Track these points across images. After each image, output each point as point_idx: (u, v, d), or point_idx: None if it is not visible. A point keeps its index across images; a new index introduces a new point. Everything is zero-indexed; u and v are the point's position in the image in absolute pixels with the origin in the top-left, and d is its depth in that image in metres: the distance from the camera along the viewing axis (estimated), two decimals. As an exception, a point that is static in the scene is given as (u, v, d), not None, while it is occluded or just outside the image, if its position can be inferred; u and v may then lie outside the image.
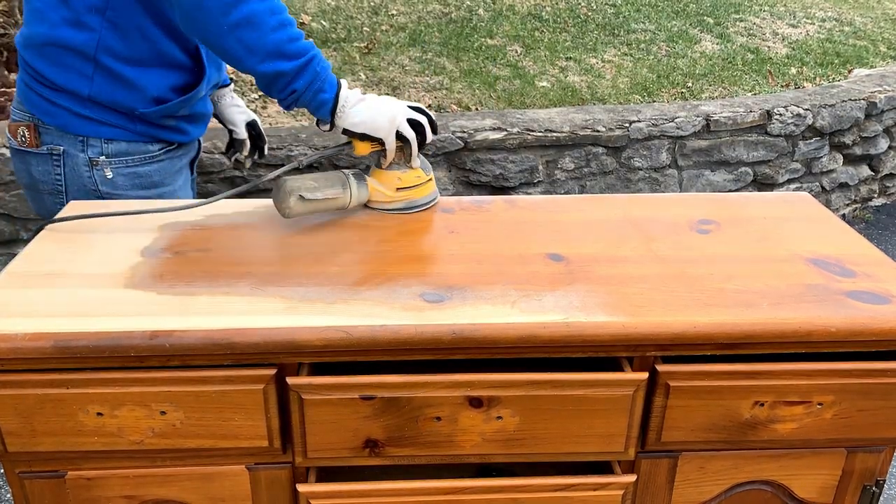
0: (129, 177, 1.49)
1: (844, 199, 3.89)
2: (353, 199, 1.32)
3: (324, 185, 1.29)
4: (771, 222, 1.36)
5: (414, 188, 1.37)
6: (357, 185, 1.33)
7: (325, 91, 1.30)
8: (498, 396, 1.04)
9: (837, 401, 1.11)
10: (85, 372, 1.01)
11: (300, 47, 1.28)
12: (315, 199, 1.27)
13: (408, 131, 1.33)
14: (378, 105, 1.33)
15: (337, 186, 1.30)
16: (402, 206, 1.36)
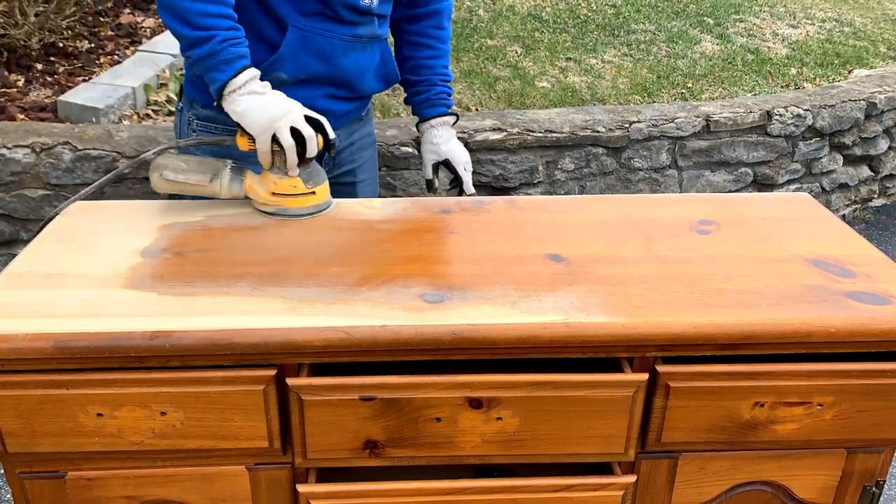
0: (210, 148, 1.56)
1: (844, 200, 3.89)
2: (222, 191, 1.35)
3: (193, 169, 1.34)
4: (771, 223, 1.36)
5: (288, 197, 1.34)
6: (229, 179, 1.35)
7: (219, 70, 1.34)
8: (498, 397, 1.04)
9: (837, 401, 1.11)
10: (85, 372, 1.01)
11: (206, 22, 1.33)
12: (175, 181, 1.34)
13: (285, 139, 1.31)
14: (267, 103, 1.34)
15: (206, 174, 1.34)
16: (273, 210, 1.34)
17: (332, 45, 1.53)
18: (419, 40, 1.72)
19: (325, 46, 1.52)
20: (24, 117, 3.00)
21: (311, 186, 1.35)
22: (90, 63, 3.57)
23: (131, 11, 4.22)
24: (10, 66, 3.40)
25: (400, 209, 1.38)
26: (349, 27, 1.53)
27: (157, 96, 3.32)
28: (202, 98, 1.57)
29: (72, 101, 3.07)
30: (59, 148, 2.60)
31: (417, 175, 2.86)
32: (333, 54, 1.54)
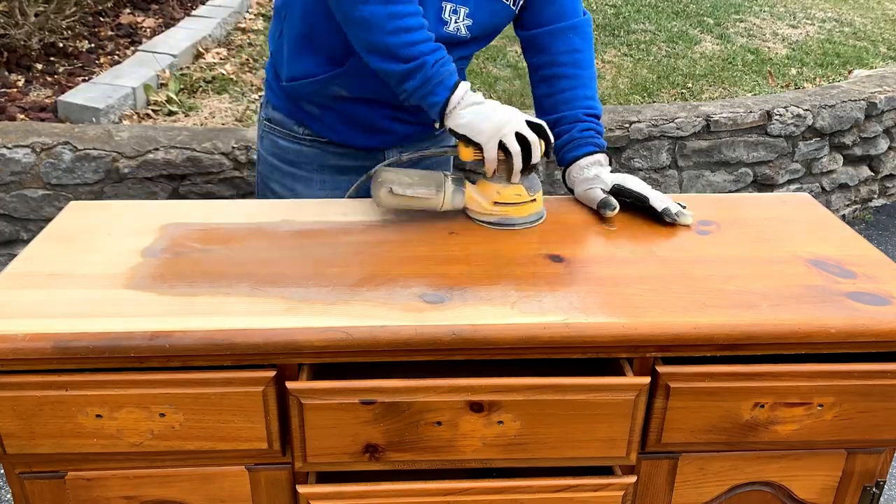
0: (275, 144, 1.58)
1: (844, 200, 3.89)
2: (445, 203, 1.32)
3: (418, 182, 1.30)
4: (771, 223, 1.36)
5: (512, 206, 1.31)
6: (452, 190, 1.32)
7: (435, 94, 1.30)
8: (499, 401, 1.04)
9: (838, 402, 1.11)
10: (84, 373, 1.01)
11: (413, 52, 1.29)
12: (403, 195, 1.29)
13: (512, 144, 1.27)
14: (490, 111, 1.29)
15: (431, 187, 1.31)
16: (496, 220, 1.32)
17: None
18: (549, 72, 1.49)
19: None
20: (24, 117, 3.00)
21: (533, 194, 1.33)
22: (90, 63, 3.57)
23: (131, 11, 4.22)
24: (10, 66, 3.40)
25: (400, 209, 1.38)
26: None
27: (157, 96, 3.32)
28: (274, 99, 1.56)
29: (72, 101, 3.07)
30: (59, 148, 2.60)
31: (417, 175, 2.86)
32: None
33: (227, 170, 2.71)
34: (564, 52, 1.47)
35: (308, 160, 1.56)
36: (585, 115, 1.46)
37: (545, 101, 1.51)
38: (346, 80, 1.45)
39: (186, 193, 2.72)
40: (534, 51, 1.51)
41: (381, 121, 1.52)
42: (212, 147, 2.68)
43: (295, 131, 1.55)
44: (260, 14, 4.53)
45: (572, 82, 1.47)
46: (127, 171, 2.65)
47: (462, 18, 1.40)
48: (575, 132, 1.45)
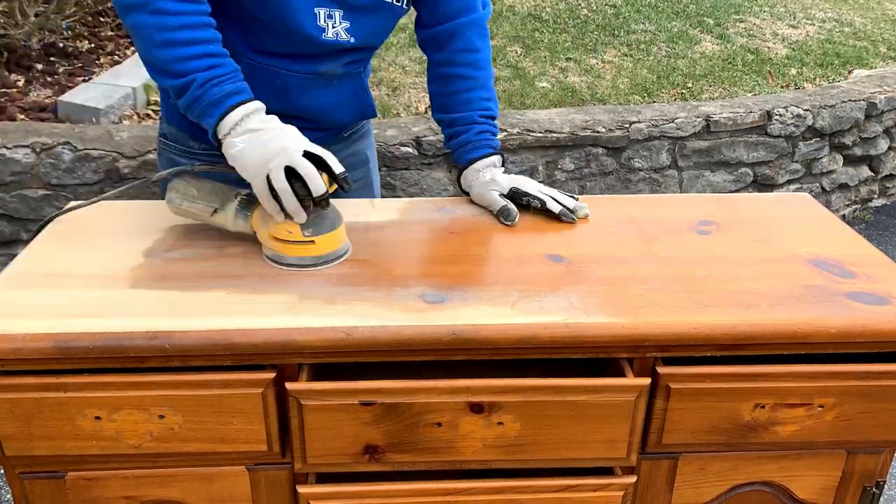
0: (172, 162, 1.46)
1: (844, 200, 3.89)
2: (227, 223, 1.23)
3: (202, 198, 1.23)
4: (771, 223, 1.36)
5: (283, 243, 1.17)
6: (234, 213, 1.22)
7: (208, 115, 1.19)
8: (499, 402, 1.04)
9: (838, 403, 1.10)
10: (83, 375, 1.00)
11: (181, 68, 1.17)
12: (180, 207, 1.24)
13: (277, 181, 1.13)
14: (263, 140, 1.16)
15: (212, 204, 1.23)
16: (270, 255, 1.19)
17: (287, 83, 1.36)
18: (447, 71, 1.45)
19: (277, 84, 1.36)
20: (24, 117, 3.01)
21: (311, 235, 1.17)
22: (90, 63, 3.58)
23: (131, 11, 4.21)
24: (10, 65, 3.40)
25: (399, 209, 1.38)
26: (309, 63, 1.36)
27: (156, 96, 3.32)
28: (166, 112, 1.46)
29: (72, 101, 3.07)
30: (59, 148, 2.60)
31: (417, 175, 2.86)
32: (289, 92, 1.37)
33: (227, 170, 2.71)
34: (462, 50, 1.44)
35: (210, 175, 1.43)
36: (481, 117, 1.44)
37: (441, 98, 1.48)
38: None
39: (186, 193, 2.71)
40: (432, 47, 1.47)
41: None
42: (212, 147, 2.68)
43: (190, 146, 1.45)
44: (260, 14, 4.52)
45: (469, 83, 1.45)
46: (127, 171, 2.65)
47: (338, 22, 1.33)
48: (471, 134, 1.43)
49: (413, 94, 3.66)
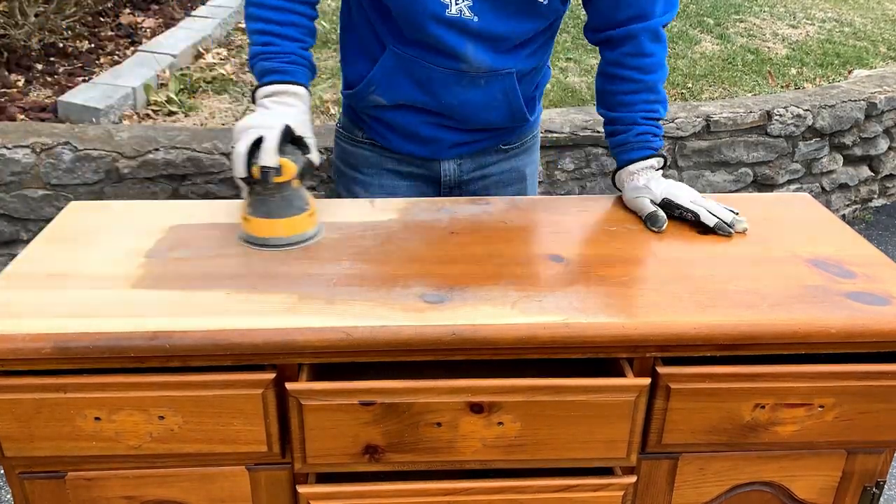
0: (341, 149, 1.60)
1: (844, 200, 3.89)
2: None
3: None
4: (771, 223, 1.36)
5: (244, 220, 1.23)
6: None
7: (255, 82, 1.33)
8: (499, 402, 1.04)
9: (838, 403, 1.10)
10: (83, 376, 1.00)
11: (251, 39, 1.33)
12: None
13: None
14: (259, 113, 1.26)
15: None
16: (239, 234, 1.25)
17: (430, 76, 1.39)
18: (615, 72, 1.41)
19: (422, 76, 1.39)
20: (24, 117, 3.01)
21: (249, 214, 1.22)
22: (90, 63, 3.58)
23: (131, 11, 4.22)
24: (10, 66, 3.40)
25: (399, 209, 1.38)
26: (452, 59, 1.37)
27: (157, 96, 3.32)
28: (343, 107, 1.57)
29: (72, 101, 3.07)
30: (59, 148, 2.60)
31: (417, 175, 2.86)
32: (433, 86, 1.40)
33: (227, 170, 2.71)
34: (632, 55, 1.39)
35: (368, 164, 1.56)
36: (644, 119, 1.40)
37: (605, 95, 1.45)
38: (379, 86, 1.43)
39: (186, 193, 2.72)
40: (604, 45, 1.43)
41: (422, 128, 1.48)
42: (212, 147, 2.68)
43: (356, 136, 1.56)
44: (260, 14, 4.52)
45: (635, 86, 1.40)
46: (127, 172, 2.65)
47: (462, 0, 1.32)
48: (630, 136, 1.40)
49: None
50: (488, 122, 1.48)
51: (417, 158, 1.54)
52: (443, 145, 1.51)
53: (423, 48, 1.36)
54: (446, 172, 1.55)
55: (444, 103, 1.43)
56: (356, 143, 1.57)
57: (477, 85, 1.41)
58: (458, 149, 1.53)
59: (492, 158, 1.57)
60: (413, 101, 1.44)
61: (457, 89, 1.41)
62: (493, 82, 1.41)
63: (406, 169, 1.55)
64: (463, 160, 1.55)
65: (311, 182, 2.73)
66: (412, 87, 1.40)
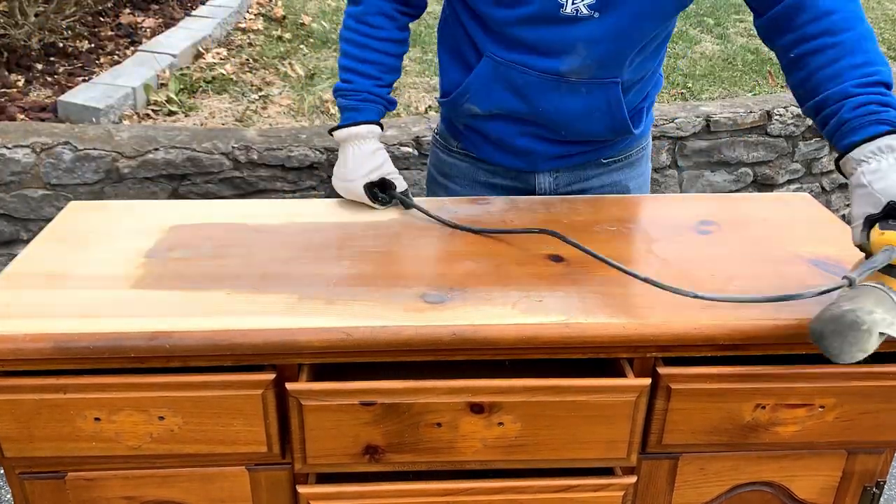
0: (436, 156, 1.59)
1: (844, 200, 3.88)
2: None
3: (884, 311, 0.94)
4: (771, 223, 1.36)
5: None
6: None
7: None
8: (499, 402, 1.04)
9: (839, 403, 1.10)
10: (83, 376, 1.00)
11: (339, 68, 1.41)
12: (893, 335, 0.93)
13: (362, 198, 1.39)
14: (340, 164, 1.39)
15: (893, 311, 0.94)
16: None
17: (528, 82, 1.34)
18: (799, 52, 1.14)
19: (518, 82, 1.34)
20: (24, 117, 3.00)
21: None
22: (90, 63, 3.58)
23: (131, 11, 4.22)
24: (10, 66, 3.40)
25: (399, 209, 1.38)
26: (550, 60, 1.30)
27: (157, 96, 3.32)
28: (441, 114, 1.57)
29: (72, 101, 3.07)
30: (59, 148, 2.60)
31: (417, 175, 2.86)
32: (528, 93, 1.35)
33: (227, 170, 2.71)
34: (809, 21, 1.12)
35: (461, 174, 1.55)
36: (857, 86, 1.07)
37: (802, 88, 1.17)
38: (474, 95, 1.40)
39: (186, 193, 2.72)
40: (776, 35, 1.19)
41: (517, 139, 1.44)
42: (212, 147, 2.68)
43: (451, 145, 1.55)
44: (260, 14, 4.53)
45: (831, 53, 1.10)
46: (127, 171, 2.65)
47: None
48: (844, 113, 1.07)
49: (413, 94, 3.66)
50: (587, 133, 1.42)
51: (512, 170, 1.50)
52: (538, 157, 1.46)
53: (524, 52, 1.32)
54: (541, 185, 1.50)
55: (539, 111, 1.37)
56: (451, 152, 1.55)
57: (577, 93, 1.34)
58: (555, 162, 1.47)
59: (591, 172, 1.50)
60: (508, 110, 1.39)
61: (554, 96, 1.34)
62: (595, 91, 1.34)
63: (500, 181, 1.52)
64: (560, 173, 1.49)
65: (312, 182, 2.73)
66: (508, 94, 1.36)
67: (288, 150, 2.71)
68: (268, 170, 2.70)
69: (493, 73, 1.35)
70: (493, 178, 1.53)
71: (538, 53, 1.31)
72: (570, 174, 1.50)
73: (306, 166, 2.71)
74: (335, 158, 1.48)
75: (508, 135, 1.44)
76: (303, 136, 2.79)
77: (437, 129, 1.60)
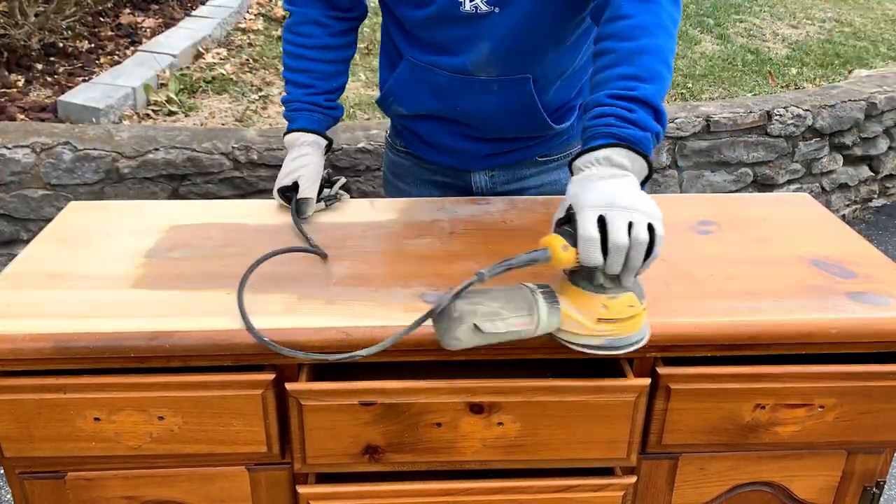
0: (387, 156, 1.62)
1: (844, 200, 3.89)
2: (539, 329, 0.96)
3: (506, 309, 0.95)
4: (771, 223, 1.36)
5: (619, 322, 0.96)
6: (547, 311, 0.95)
7: None
8: (499, 402, 1.04)
9: (839, 403, 1.10)
10: (83, 376, 1.00)
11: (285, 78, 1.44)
12: (495, 332, 0.94)
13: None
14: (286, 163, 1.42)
15: (523, 312, 0.95)
16: (599, 343, 0.97)
17: (442, 83, 1.34)
18: (595, 48, 1.11)
19: (434, 82, 1.35)
20: (24, 117, 3.01)
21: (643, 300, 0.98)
22: (90, 63, 3.58)
23: (131, 11, 4.22)
24: (10, 66, 3.40)
25: (399, 209, 1.38)
26: (458, 59, 1.31)
27: (157, 96, 3.32)
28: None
29: (72, 101, 3.08)
30: (59, 148, 2.60)
31: (417, 175, 2.86)
32: (446, 94, 1.36)
33: (227, 170, 2.71)
34: (608, 20, 1.10)
35: (407, 173, 1.56)
36: (610, 97, 1.03)
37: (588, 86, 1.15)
38: (397, 96, 1.42)
39: (186, 193, 2.72)
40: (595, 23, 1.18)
41: (442, 137, 1.45)
42: (212, 147, 2.68)
43: (396, 144, 1.57)
44: (260, 14, 4.53)
45: (608, 58, 1.07)
46: (127, 171, 2.65)
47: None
48: (588, 120, 1.05)
49: (413, 94, 3.65)
50: (507, 130, 1.42)
51: (448, 169, 1.51)
52: (470, 156, 1.47)
53: (436, 53, 1.33)
54: (477, 184, 1.51)
55: (457, 110, 1.38)
56: (397, 152, 1.57)
57: (489, 91, 1.34)
58: (488, 160, 1.48)
59: (528, 171, 1.50)
60: (429, 110, 1.41)
61: (469, 95, 1.35)
62: (506, 88, 1.33)
63: (440, 179, 1.53)
64: (495, 171, 1.50)
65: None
66: (427, 95, 1.38)
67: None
68: (268, 170, 2.70)
69: (411, 76, 1.38)
70: (434, 176, 1.54)
71: (448, 53, 1.32)
72: (506, 173, 1.50)
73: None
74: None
75: (434, 134, 1.46)
76: (303, 136, 2.78)
77: (388, 131, 1.61)
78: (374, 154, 2.82)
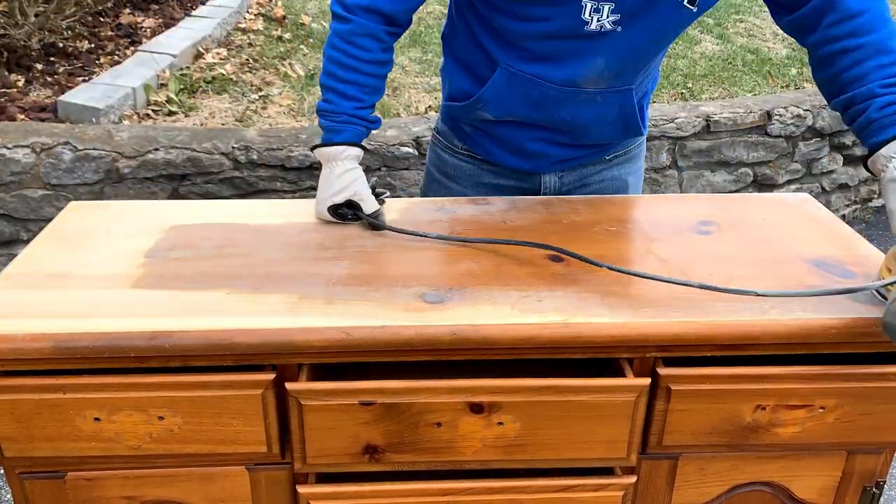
0: (437, 155, 1.58)
1: (844, 200, 3.89)
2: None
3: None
4: (771, 223, 1.36)
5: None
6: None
7: None
8: (499, 402, 1.04)
9: (839, 404, 1.10)
10: (83, 376, 1.00)
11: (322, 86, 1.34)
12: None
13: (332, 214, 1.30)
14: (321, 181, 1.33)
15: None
16: None
17: (544, 93, 1.35)
18: (826, 51, 1.19)
19: (535, 92, 1.35)
20: (24, 117, 3.00)
21: None
22: (90, 63, 3.58)
23: (131, 11, 4.22)
24: (10, 66, 3.40)
25: (399, 209, 1.38)
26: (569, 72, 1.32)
27: (157, 96, 3.32)
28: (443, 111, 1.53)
29: (72, 101, 3.07)
30: (59, 148, 2.60)
31: (417, 175, 2.86)
32: (545, 103, 1.37)
33: (227, 170, 2.71)
34: (835, 23, 1.17)
35: (464, 175, 1.55)
36: (883, 87, 1.13)
37: (829, 85, 1.22)
38: (488, 103, 1.41)
39: (186, 193, 2.72)
40: (802, 32, 1.24)
41: (530, 143, 1.46)
42: (212, 147, 2.68)
43: (455, 145, 1.55)
44: (260, 14, 4.53)
45: (856, 55, 1.15)
46: (127, 171, 2.65)
47: (606, 15, 1.25)
48: (871, 112, 1.14)
49: (413, 94, 3.66)
50: (600, 138, 1.46)
51: (518, 171, 1.51)
52: (548, 160, 1.49)
53: (540, 64, 1.33)
54: (546, 185, 1.52)
55: (556, 119, 1.40)
56: (454, 152, 1.55)
57: (592, 102, 1.37)
58: (563, 164, 1.50)
59: (594, 169, 1.53)
60: (522, 117, 1.41)
61: (570, 106, 1.37)
62: (609, 99, 1.38)
63: (504, 182, 1.53)
64: (565, 173, 1.52)
65: (312, 182, 2.73)
66: (523, 103, 1.38)
67: (288, 151, 2.71)
68: (268, 170, 2.70)
69: (508, 84, 1.37)
70: (496, 179, 1.53)
71: (554, 64, 1.32)
72: (575, 173, 1.53)
73: (306, 166, 2.71)
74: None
75: (520, 139, 1.46)
76: (303, 136, 2.79)
77: (438, 129, 1.60)
78: (374, 154, 2.82)
